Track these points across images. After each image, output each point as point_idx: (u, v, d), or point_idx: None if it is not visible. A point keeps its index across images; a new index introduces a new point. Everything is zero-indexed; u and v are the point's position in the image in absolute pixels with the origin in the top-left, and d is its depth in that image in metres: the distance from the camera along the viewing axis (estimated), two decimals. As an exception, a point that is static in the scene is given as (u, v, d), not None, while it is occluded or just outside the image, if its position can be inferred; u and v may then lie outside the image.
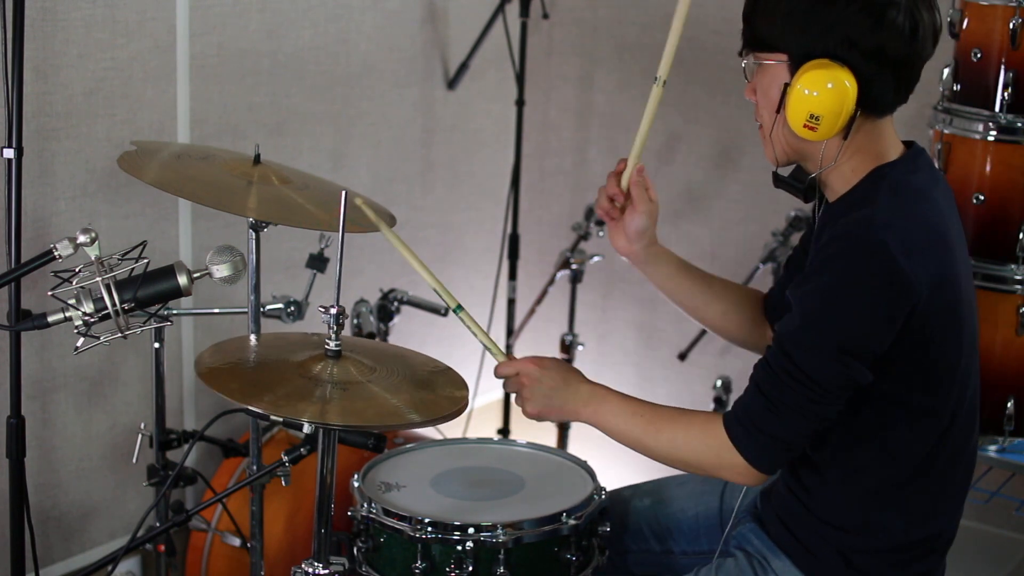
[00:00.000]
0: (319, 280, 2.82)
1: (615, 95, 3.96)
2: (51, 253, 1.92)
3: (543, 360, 2.12)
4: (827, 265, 1.90)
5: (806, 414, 1.92)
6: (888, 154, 2.00)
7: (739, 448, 1.95)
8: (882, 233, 1.86)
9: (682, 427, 2.03)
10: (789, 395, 1.91)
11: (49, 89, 2.75)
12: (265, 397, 1.82)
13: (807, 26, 1.90)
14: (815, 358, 1.89)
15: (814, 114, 1.90)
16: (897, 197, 1.94)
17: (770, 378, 1.94)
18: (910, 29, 1.89)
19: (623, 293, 4.06)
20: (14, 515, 2.43)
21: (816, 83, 1.89)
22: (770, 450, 1.95)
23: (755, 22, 1.98)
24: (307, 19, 3.31)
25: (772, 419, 1.93)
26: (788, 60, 1.94)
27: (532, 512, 2.25)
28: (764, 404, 1.93)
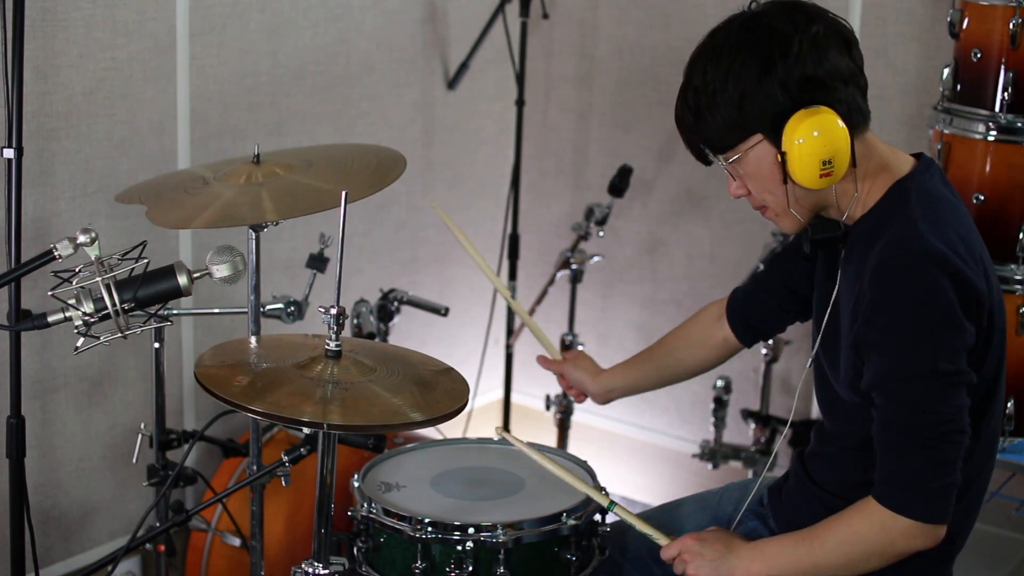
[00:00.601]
0: (319, 280, 2.82)
1: (615, 95, 3.96)
2: (51, 253, 1.92)
3: (702, 534, 2.11)
4: (892, 292, 1.89)
5: (943, 441, 1.89)
6: (896, 166, 2.01)
7: (906, 512, 1.91)
8: (936, 242, 1.87)
9: (842, 525, 1.99)
10: (917, 435, 1.89)
11: (49, 89, 2.75)
12: (266, 398, 1.82)
13: (765, 97, 1.90)
14: (924, 387, 1.88)
15: (825, 160, 1.90)
16: (930, 207, 1.94)
17: (892, 430, 1.91)
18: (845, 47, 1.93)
19: (623, 293, 4.06)
20: (14, 515, 2.43)
21: (807, 132, 1.89)
22: (931, 499, 1.91)
23: (706, 129, 1.98)
24: (307, 19, 3.31)
25: (918, 468, 1.90)
26: (763, 136, 1.94)
27: (532, 512, 2.25)
28: (901, 457, 1.91)
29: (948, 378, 1.87)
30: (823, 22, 1.94)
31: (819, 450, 2.19)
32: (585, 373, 2.58)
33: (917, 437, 1.89)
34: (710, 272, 3.85)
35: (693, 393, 3.94)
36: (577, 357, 2.62)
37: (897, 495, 1.92)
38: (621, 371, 2.58)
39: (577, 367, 2.60)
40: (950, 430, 1.89)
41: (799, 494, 2.18)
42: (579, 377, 2.58)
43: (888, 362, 1.90)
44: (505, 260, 3.83)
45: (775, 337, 3.47)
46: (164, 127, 3.00)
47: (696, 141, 2.02)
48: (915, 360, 1.88)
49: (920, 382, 1.88)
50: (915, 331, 1.88)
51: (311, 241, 2.84)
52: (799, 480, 2.20)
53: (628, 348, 4.07)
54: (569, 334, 3.62)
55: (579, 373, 2.58)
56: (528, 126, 3.95)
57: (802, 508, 2.15)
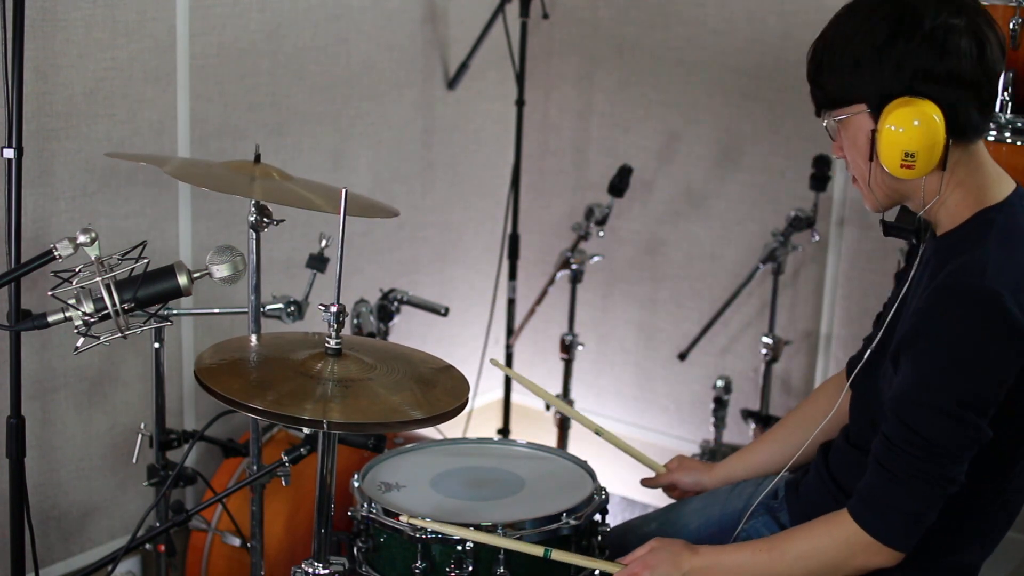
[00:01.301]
0: (319, 280, 2.82)
1: (615, 95, 3.96)
2: (51, 253, 1.92)
3: (646, 559, 2.08)
4: (938, 318, 1.86)
5: (932, 481, 1.88)
6: (994, 192, 1.97)
7: (871, 531, 1.91)
8: (995, 283, 1.84)
9: (803, 537, 2.00)
10: (912, 465, 1.88)
11: (49, 89, 2.75)
12: (267, 396, 1.82)
13: (877, 70, 1.89)
14: (934, 420, 1.86)
15: (909, 152, 1.88)
16: (1007, 244, 1.91)
17: (889, 451, 1.90)
18: (977, 49, 1.88)
19: (623, 293, 4.06)
20: (14, 515, 2.43)
21: (903, 121, 1.87)
22: (902, 526, 1.91)
23: (823, 81, 1.96)
24: (307, 19, 3.31)
25: (899, 493, 1.89)
26: (867, 107, 1.92)
27: (532, 512, 2.25)
28: (888, 479, 1.90)
29: (960, 424, 1.85)
30: (968, 19, 1.89)
31: (843, 447, 2.17)
32: (698, 475, 2.48)
33: (909, 467, 1.88)
34: (710, 272, 3.85)
35: (693, 393, 3.94)
36: (681, 463, 2.51)
37: (869, 513, 1.92)
38: (742, 459, 2.45)
39: (687, 472, 2.49)
40: (942, 474, 1.88)
41: (817, 490, 2.17)
42: (693, 481, 2.48)
43: (912, 384, 1.88)
44: (505, 260, 3.83)
45: (775, 337, 3.47)
46: (164, 127, 3.00)
47: (813, 91, 2.00)
48: (934, 394, 1.86)
49: (934, 415, 1.86)
50: (947, 366, 1.86)
51: (311, 241, 2.84)
52: (819, 475, 2.19)
53: (628, 348, 4.08)
54: (569, 334, 3.62)
55: (692, 477, 2.48)
56: (528, 126, 3.95)
57: (818, 503, 2.13)
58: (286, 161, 3.25)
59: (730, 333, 3.83)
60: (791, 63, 3.56)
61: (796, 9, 3.55)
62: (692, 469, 2.48)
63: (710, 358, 3.86)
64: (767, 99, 3.65)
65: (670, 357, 3.91)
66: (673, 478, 2.49)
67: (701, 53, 3.75)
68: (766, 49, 3.62)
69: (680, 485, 2.48)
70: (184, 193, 3.07)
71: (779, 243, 3.38)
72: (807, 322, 3.69)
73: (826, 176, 3.32)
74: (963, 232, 1.96)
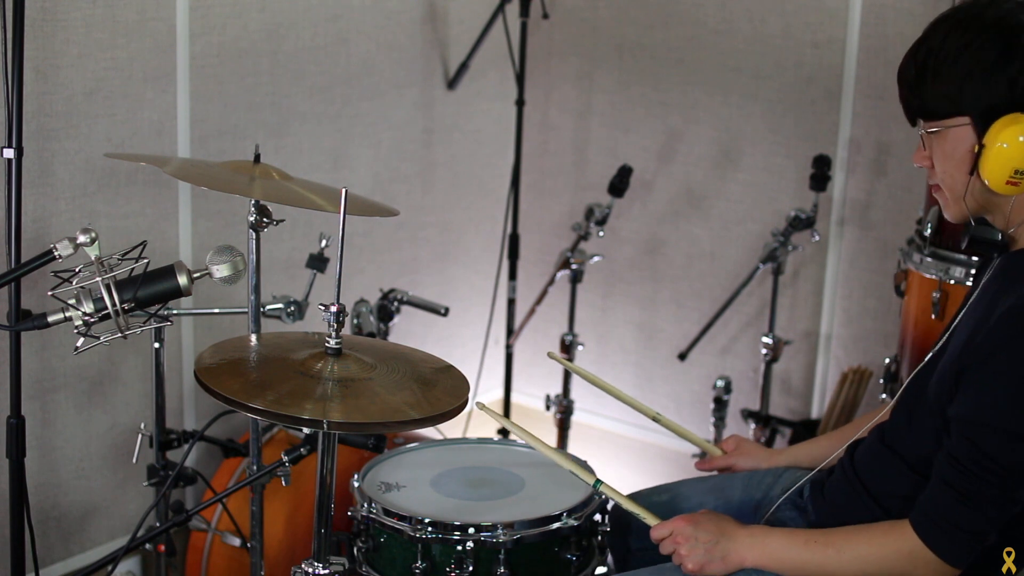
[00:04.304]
0: (319, 280, 2.82)
1: (615, 95, 3.97)
2: (51, 253, 1.92)
3: (695, 516, 2.09)
4: (1014, 340, 1.85)
5: (1000, 503, 1.88)
6: None
7: (935, 548, 1.91)
8: None
9: (864, 541, 1.98)
10: (982, 487, 1.88)
11: (49, 89, 2.75)
12: (267, 396, 1.82)
13: (990, 85, 1.87)
14: (1008, 445, 1.85)
15: (1019, 170, 1.86)
16: None
17: (959, 472, 1.89)
18: None
19: (623, 293, 4.06)
20: (14, 515, 2.43)
21: (1014, 138, 1.85)
22: (967, 544, 1.91)
23: (924, 91, 1.94)
24: (307, 19, 3.31)
25: (967, 513, 1.89)
26: (971, 121, 1.90)
27: (532, 512, 2.26)
28: (956, 498, 1.90)
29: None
30: None
31: (874, 446, 2.16)
32: (758, 461, 2.46)
33: (977, 488, 1.88)
34: (710, 272, 3.85)
35: (693, 393, 3.94)
36: (739, 445, 2.49)
37: (935, 530, 1.92)
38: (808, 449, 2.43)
39: (747, 457, 2.47)
40: (1010, 497, 1.88)
41: (842, 490, 2.16)
42: (752, 465, 2.46)
43: (984, 406, 1.87)
44: (505, 260, 3.83)
45: (775, 337, 3.47)
46: (164, 127, 3.00)
47: (910, 99, 1.98)
48: (1009, 418, 1.85)
49: (1005, 440, 1.85)
50: (1020, 391, 1.84)
51: (311, 241, 2.84)
52: (844, 474, 2.18)
53: (628, 348, 4.08)
54: (569, 334, 3.62)
55: (752, 462, 2.45)
56: (528, 126, 3.95)
57: (843, 504, 2.13)
58: (286, 161, 3.25)
59: (730, 333, 3.83)
60: (791, 63, 3.57)
61: (796, 9, 3.55)
62: (752, 454, 2.45)
63: (710, 358, 3.86)
64: (767, 99, 3.65)
65: (670, 357, 3.91)
66: (731, 461, 2.46)
67: (701, 53, 3.75)
68: (766, 49, 3.62)
69: (737, 470, 2.45)
70: (184, 193, 3.08)
71: (779, 243, 3.38)
72: (807, 322, 3.69)
73: (826, 176, 3.32)
74: None
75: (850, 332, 3.62)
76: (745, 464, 2.45)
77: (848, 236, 3.58)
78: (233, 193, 2.25)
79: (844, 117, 3.49)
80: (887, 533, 1.97)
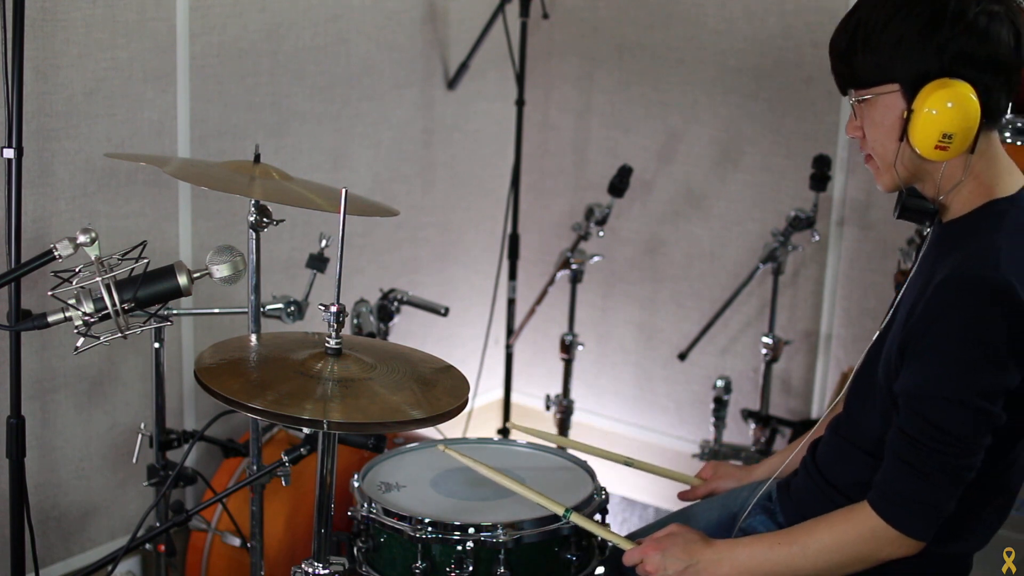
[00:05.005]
0: (319, 280, 2.82)
1: (615, 95, 3.97)
2: (51, 253, 1.92)
3: (663, 542, 2.08)
4: (951, 309, 1.87)
5: (954, 472, 1.90)
6: (1005, 184, 1.97)
7: (896, 524, 1.92)
8: (1008, 275, 1.85)
9: (826, 530, 1.99)
10: (934, 458, 1.89)
11: (49, 89, 2.75)
12: (267, 396, 1.82)
13: (919, 51, 1.89)
14: (951, 412, 1.87)
15: (947, 133, 1.88)
16: (1018, 236, 1.91)
17: (910, 446, 1.91)
18: (1014, 38, 1.90)
19: (623, 293, 4.06)
20: (14, 515, 2.43)
21: (942, 103, 1.87)
22: (926, 518, 1.92)
23: (855, 60, 1.95)
24: (307, 19, 3.31)
25: (922, 486, 1.91)
26: (901, 88, 1.92)
27: (532, 512, 2.25)
28: (910, 473, 1.91)
29: (979, 414, 1.87)
30: (1006, 7, 1.91)
31: (832, 442, 2.17)
32: (736, 480, 2.44)
33: (929, 459, 1.90)
34: (710, 272, 3.85)
35: (693, 393, 3.94)
36: (717, 470, 2.48)
37: (893, 507, 1.93)
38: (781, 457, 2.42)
39: (725, 479, 2.45)
40: (961, 464, 1.90)
41: (807, 490, 2.18)
42: (732, 486, 2.44)
43: (926, 378, 1.89)
44: (505, 260, 3.83)
45: (775, 337, 3.47)
46: (164, 127, 3.00)
47: (841, 69, 1.99)
48: (951, 386, 1.87)
49: (950, 409, 1.87)
50: (960, 359, 1.86)
51: (311, 241, 2.84)
52: (807, 471, 2.20)
53: (628, 348, 4.08)
54: (569, 334, 3.62)
55: (730, 483, 2.44)
56: (528, 126, 3.95)
57: (808, 500, 2.14)
58: (286, 161, 3.25)
59: (730, 333, 3.83)
60: (791, 63, 3.56)
61: (796, 9, 3.55)
62: (730, 476, 2.45)
63: (710, 358, 3.86)
64: (767, 99, 3.65)
65: (670, 357, 3.91)
66: (711, 487, 2.46)
67: (701, 53, 3.75)
68: (766, 49, 3.62)
69: (719, 493, 2.45)
70: (184, 193, 3.08)
71: (779, 243, 3.38)
72: (807, 322, 3.69)
73: (826, 176, 3.32)
74: (970, 220, 1.97)
75: (850, 332, 3.62)
76: (725, 486, 2.44)
77: (848, 236, 3.58)
78: (233, 193, 2.25)
79: (844, 117, 3.49)
80: (847, 518, 1.98)
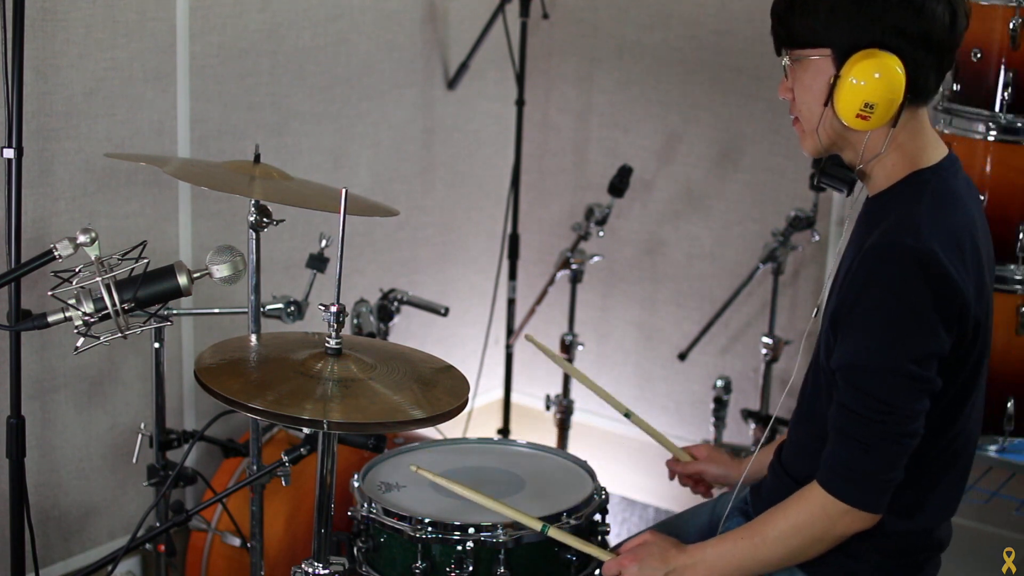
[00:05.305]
0: (319, 280, 2.82)
1: (615, 95, 3.96)
2: (51, 253, 1.92)
3: (639, 553, 2.10)
4: (877, 279, 1.89)
5: (897, 440, 1.92)
6: (928, 155, 2.01)
7: (846, 499, 1.94)
8: (931, 242, 1.87)
9: (781, 517, 2.02)
10: (875, 428, 1.91)
11: (49, 89, 2.75)
12: (267, 396, 1.82)
13: (853, 19, 1.92)
14: (887, 381, 1.89)
15: (869, 103, 1.91)
16: (941, 206, 1.94)
17: (850, 418, 1.93)
18: (950, 16, 1.92)
19: (623, 293, 4.06)
20: (14, 515, 2.43)
21: (868, 72, 1.90)
22: (874, 488, 1.94)
23: (792, 21, 1.98)
24: (307, 19, 3.31)
25: (867, 458, 1.92)
26: (832, 53, 1.95)
27: (532, 512, 2.25)
28: (854, 446, 1.93)
29: (913, 380, 1.89)
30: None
31: (792, 437, 2.20)
32: (727, 469, 2.43)
33: (870, 430, 1.92)
34: (710, 272, 3.85)
35: (693, 393, 3.94)
36: (710, 454, 2.45)
37: (839, 481, 1.95)
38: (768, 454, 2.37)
39: (716, 464, 2.43)
40: (903, 432, 1.92)
41: (774, 489, 2.19)
42: (722, 474, 2.42)
43: (858, 350, 1.92)
44: (505, 260, 3.83)
45: (775, 337, 3.47)
46: (164, 127, 3.00)
47: (778, 29, 2.02)
48: (884, 355, 1.90)
49: (885, 378, 1.90)
50: (889, 327, 1.89)
51: (311, 241, 2.84)
52: (774, 472, 2.22)
53: (628, 348, 4.08)
54: (569, 334, 3.62)
55: (720, 469, 2.42)
56: (528, 126, 3.95)
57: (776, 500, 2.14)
58: (286, 161, 3.25)
59: (730, 333, 3.83)
60: (791, 63, 3.56)
61: (796, 9, 3.54)
62: (721, 463, 2.44)
63: (710, 358, 3.86)
64: (767, 99, 3.65)
65: (670, 357, 3.91)
66: (700, 468, 2.45)
67: (701, 53, 3.75)
68: (766, 49, 3.59)
69: (706, 476, 2.45)
70: (184, 193, 3.07)
71: (779, 243, 3.38)
72: (807, 322, 3.69)
73: (826, 176, 3.32)
74: (895, 192, 2.00)
75: (850, 332, 3.61)
76: (715, 471, 2.43)
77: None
78: (233, 193, 2.25)
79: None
80: (798, 501, 2.00)
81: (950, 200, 1.97)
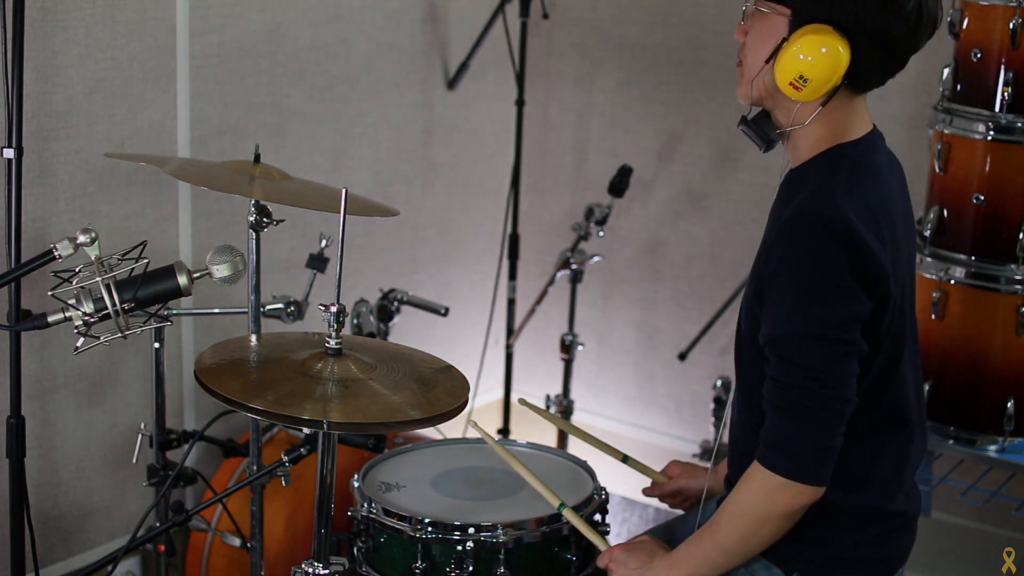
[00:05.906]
0: (319, 280, 2.82)
1: (615, 95, 3.97)
2: (51, 253, 1.92)
3: (631, 544, 2.15)
4: (794, 249, 1.90)
5: (828, 406, 1.91)
6: (853, 131, 2.01)
7: (783, 472, 1.93)
8: (846, 210, 1.88)
9: (729, 502, 2.01)
10: (804, 397, 1.90)
11: (49, 89, 2.75)
12: (267, 396, 1.82)
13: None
14: (811, 348, 1.89)
15: (804, 76, 1.92)
16: (857, 175, 1.96)
17: (781, 390, 1.93)
18: (916, 17, 1.92)
19: (623, 293, 4.06)
20: (14, 515, 2.43)
21: (813, 47, 1.91)
22: (813, 459, 1.93)
23: None
24: (307, 19, 3.31)
25: (800, 427, 1.91)
26: (790, 16, 1.95)
27: (532, 512, 2.25)
28: (786, 417, 1.92)
29: (837, 345, 1.89)
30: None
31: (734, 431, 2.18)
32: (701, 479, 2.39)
33: (800, 399, 1.91)
34: (710, 272, 3.85)
35: (693, 393, 3.94)
36: (684, 470, 2.43)
37: (774, 454, 1.94)
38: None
39: (693, 478, 2.41)
40: (833, 397, 1.91)
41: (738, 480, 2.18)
42: (699, 485, 2.38)
43: (781, 320, 1.92)
44: (505, 260, 3.83)
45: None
46: (164, 127, 3.00)
47: None
48: (806, 323, 1.89)
49: (809, 345, 1.89)
50: (808, 294, 1.89)
51: (311, 241, 2.84)
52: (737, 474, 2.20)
53: (628, 348, 4.08)
54: (569, 334, 3.62)
55: (698, 481, 2.39)
56: (528, 126, 3.95)
57: None
58: (286, 161, 3.25)
59: (730, 333, 3.82)
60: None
61: (796, 9, 3.54)
62: (698, 475, 2.42)
63: (710, 358, 3.85)
64: (767, 99, 3.64)
65: (670, 357, 3.91)
66: (678, 485, 2.43)
67: (701, 53, 3.75)
68: (766, 49, 3.62)
69: (686, 492, 2.43)
70: (184, 193, 3.08)
71: (779, 243, 3.37)
72: (807, 322, 3.69)
73: (826, 176, 3.32)
74: (815, 163, 2.00)
75: (850, 332, 3.61)
76: (694, 485, 2.41)
77: (848, 236, 3.58)
78: (233, 193, 2.25)
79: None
80: (741, 483, 2.00)
81: (871, 173, 1.98)
